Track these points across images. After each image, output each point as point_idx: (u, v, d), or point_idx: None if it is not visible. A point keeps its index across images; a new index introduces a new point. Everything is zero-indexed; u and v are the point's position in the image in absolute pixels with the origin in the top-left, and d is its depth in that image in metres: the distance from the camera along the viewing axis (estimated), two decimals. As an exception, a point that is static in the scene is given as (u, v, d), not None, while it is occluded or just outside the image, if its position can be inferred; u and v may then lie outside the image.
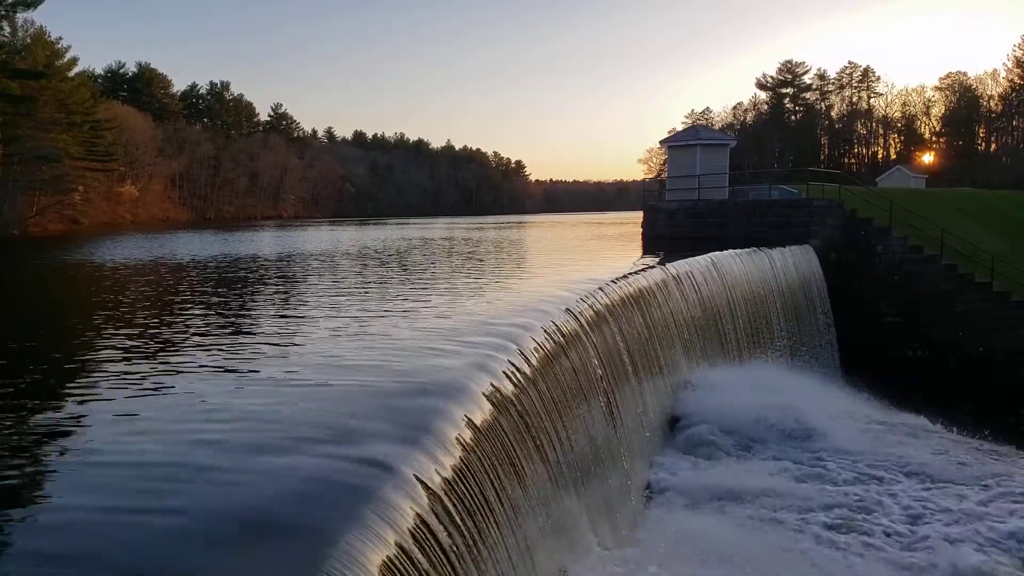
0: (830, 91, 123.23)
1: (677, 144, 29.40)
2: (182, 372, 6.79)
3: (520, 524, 5.88)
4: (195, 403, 5.76)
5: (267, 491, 4.00)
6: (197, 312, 11.03)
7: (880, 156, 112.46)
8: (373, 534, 3.70)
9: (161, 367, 7.02)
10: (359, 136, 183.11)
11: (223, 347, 7.99)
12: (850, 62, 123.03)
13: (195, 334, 8.90)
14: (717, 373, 14.63)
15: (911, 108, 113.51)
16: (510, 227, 52.97)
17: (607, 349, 10.25)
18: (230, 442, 4.82)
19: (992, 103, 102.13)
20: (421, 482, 4.39)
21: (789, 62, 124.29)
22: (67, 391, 6.35)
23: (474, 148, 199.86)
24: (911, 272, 21.48)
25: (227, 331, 9.14)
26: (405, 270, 17.60)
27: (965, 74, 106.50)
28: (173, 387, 6.24)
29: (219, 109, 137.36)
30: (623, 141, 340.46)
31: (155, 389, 6.17)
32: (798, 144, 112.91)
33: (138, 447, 4.77)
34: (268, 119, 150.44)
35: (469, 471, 5.10)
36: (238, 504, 3.86)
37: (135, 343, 8.38)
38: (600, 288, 11.47)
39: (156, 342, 8.49)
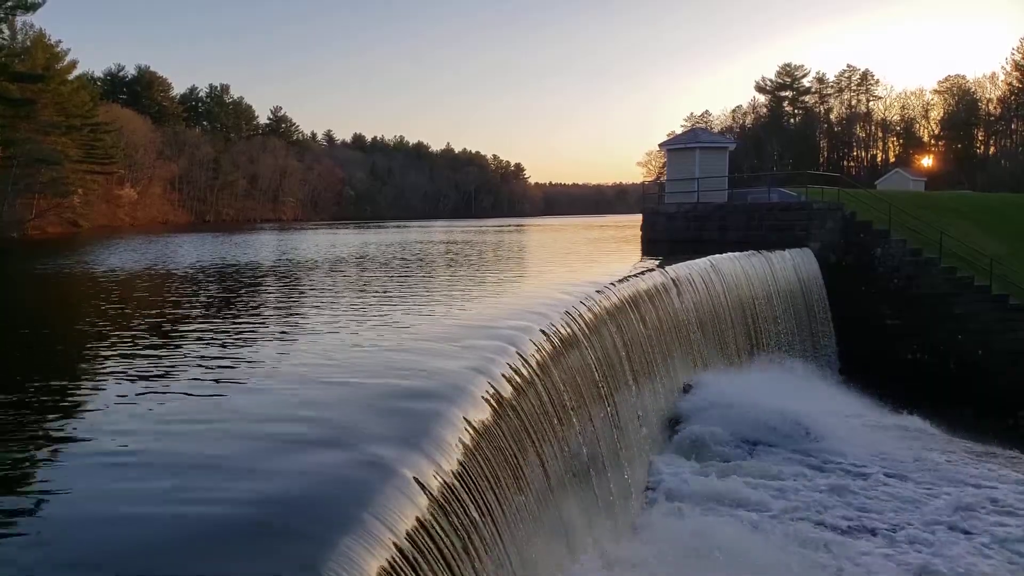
0: (829, 94, 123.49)
1: (676, 147, 29.45)
2: (180, 374, 6.79)
3: (519, 526, 5.88)
4: (193, 405, 5.75)
5: (265, 493, 4.01)
6: (196, 315, 11.03)
7: (879, 159, 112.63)
8: (372, 537, 3.70)
9: (159, 370, 7.02)
10: (359, 139, 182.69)
11: (221, 350, 7.99)
12: (849, 65, 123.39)
13: (194, 337, 8.90)
14: (716, 376, 14.64)
15: (910, 111, 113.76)
16: (509, 230, 52.96)
17: (606, 352, 10.25)
18: (228, 444, 4.82)
19: (991, 106, 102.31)
20: (420, 484, 4.39)
21: (788, 65, 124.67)
22: (59, 393, 6.35)
23: (473, 151, 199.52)
24: (910, 275, 21.49)
25: (225, 334, 9.13)
26: (405, 273, 17.59)
27: (964, 77, 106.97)
28: (172, 390, 6.23)
29: (218, 112, 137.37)
30: (622, 144, 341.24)
31: (154, 392, 6.17)
32: (797, 147, 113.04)
33: (135, 450, 4.76)
34: (268, 122, 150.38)
35: (468, 473, 5.10)
36: (236, 506, 3.85)
37: (134, 345, 8.37)
38: (599, 291, 11.48)
39: (155, 344, 8.49)
